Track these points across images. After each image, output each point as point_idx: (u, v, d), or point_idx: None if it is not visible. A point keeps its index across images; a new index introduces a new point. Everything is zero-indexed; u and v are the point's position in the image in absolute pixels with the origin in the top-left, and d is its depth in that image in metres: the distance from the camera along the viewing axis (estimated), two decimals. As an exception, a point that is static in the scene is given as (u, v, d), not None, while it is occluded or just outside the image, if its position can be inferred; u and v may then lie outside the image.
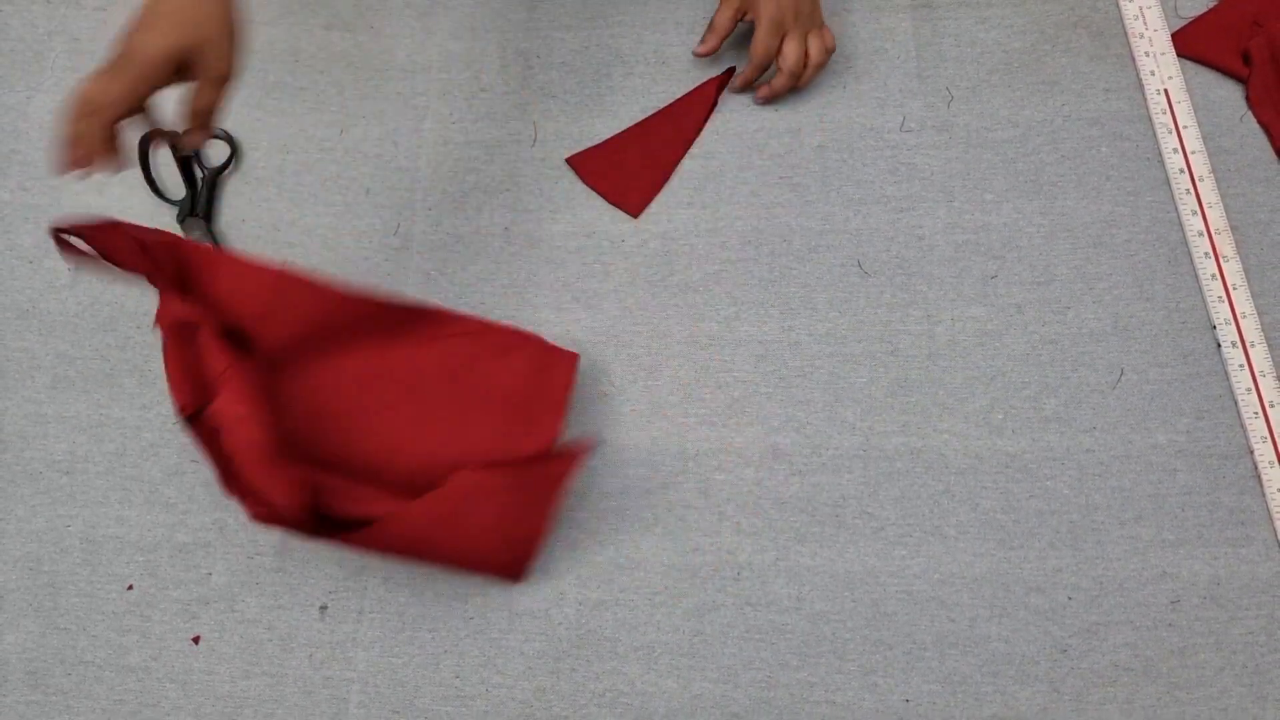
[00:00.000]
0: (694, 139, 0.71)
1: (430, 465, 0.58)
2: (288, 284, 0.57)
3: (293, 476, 0.54)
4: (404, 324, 0.60)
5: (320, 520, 0.56)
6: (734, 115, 0.72)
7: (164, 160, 0.73)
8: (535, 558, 0.61)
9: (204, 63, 0.51)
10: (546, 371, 0.62)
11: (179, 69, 0.51)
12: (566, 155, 0.71)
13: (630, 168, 0.71)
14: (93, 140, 0.49)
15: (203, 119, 0.53)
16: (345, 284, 0.58)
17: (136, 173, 0.72)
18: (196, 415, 0.55)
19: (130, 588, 0.62)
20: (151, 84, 0.50)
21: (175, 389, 0.56)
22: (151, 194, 0.71)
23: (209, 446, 0.55)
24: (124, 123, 0.50)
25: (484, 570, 0.60)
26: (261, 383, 0.56)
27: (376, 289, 0.60)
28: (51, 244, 0.70)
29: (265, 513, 0.54)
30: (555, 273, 0.69)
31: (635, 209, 0.70)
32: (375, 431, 0.60)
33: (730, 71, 0.73)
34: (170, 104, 0.53)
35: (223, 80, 0.52)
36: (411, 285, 0.69)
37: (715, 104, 0.72)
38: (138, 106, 0.50)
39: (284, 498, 0.54)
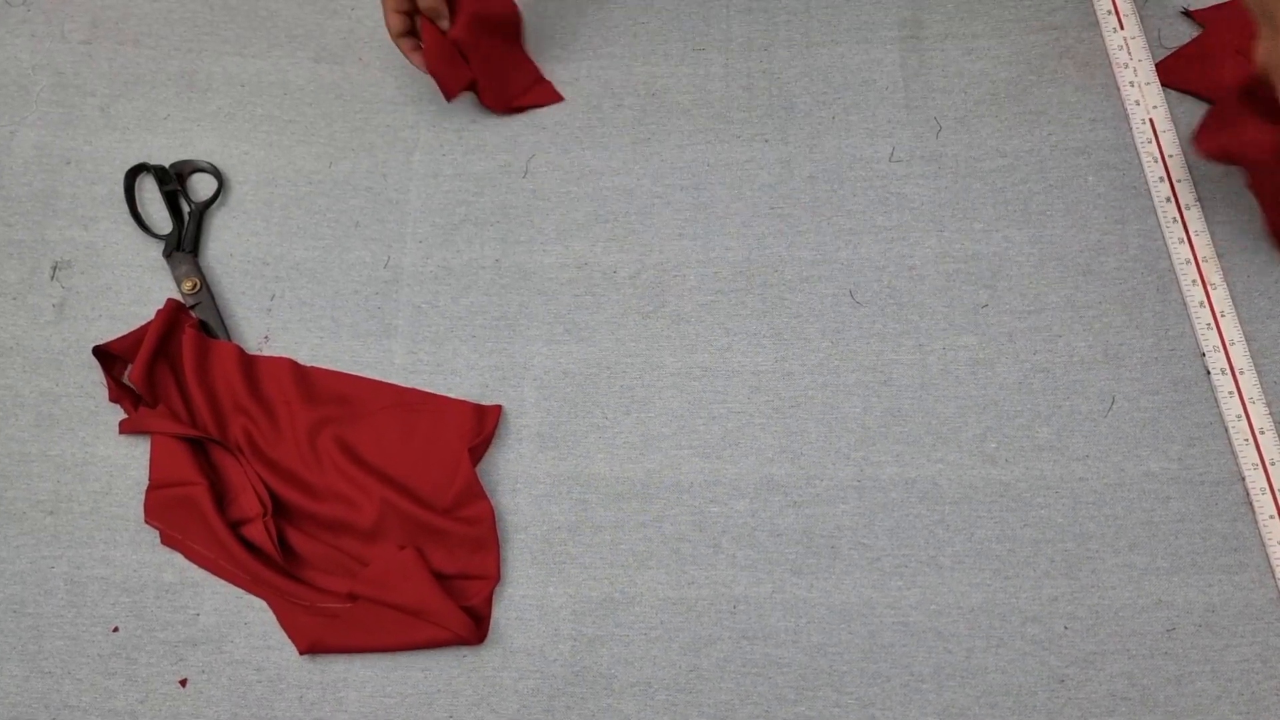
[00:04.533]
0: None
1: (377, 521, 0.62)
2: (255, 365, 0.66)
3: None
4: (340, 401, 0.66)
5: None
6: (724, 147, 0.72)
7: (150, 194, 0.72)
8: (488, 608, 0.61)
9: None
10: (465, 428, 0.64)
11: None
12: None
13: None
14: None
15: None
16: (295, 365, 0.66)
17: (122, 207, 0.71)
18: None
19: (116, 630, 0.61)
20: None
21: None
22: (138, 229, 0.71)
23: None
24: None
25: (441, 639, 0.59)
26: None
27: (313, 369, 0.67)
28: (35, 279, 0.69)
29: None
30: (547, 305, 0.68)
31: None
32: (330, 491, 0.63)
33: None
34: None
35: None
36: (402, 318, 0.68)
37: None
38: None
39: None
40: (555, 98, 0.74)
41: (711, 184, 0.71)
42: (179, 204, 0.72)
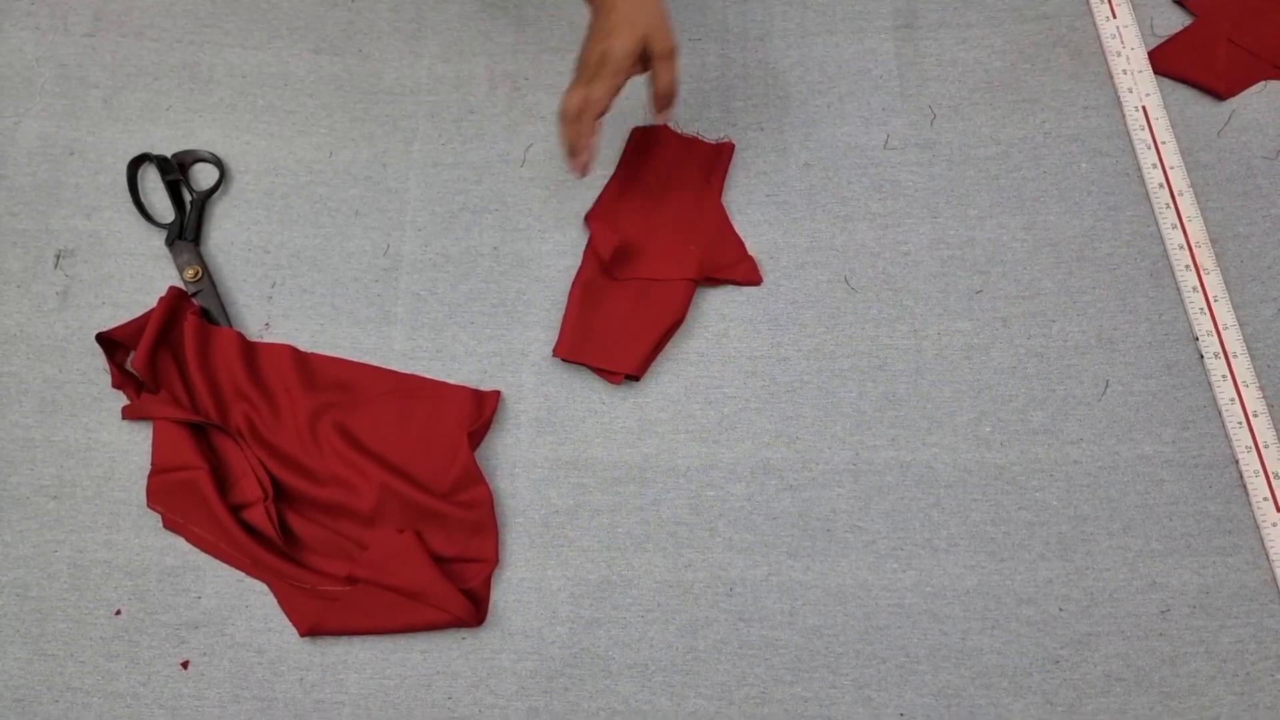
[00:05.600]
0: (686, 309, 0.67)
1: (377, 505, 0.62)
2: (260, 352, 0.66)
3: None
4: (340, 387, 0.66)
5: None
6: (720, 135, 0.73)
7: (152, 184, 0.73)
8: (487, 591, 0.61)
9: (655, 47, 0.59)
10: (463, 413, 0.65)
11: (639, 60, 0.60)
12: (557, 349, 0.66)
13: (621, 338, 0.66)
14: (587, 140, 0.60)
15: (668, 94, 0.62)
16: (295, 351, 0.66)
17: (125, 197, 0.72)
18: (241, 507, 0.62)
19: (118, 612, 0.61)
20: (625, 77, 0.60)
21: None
22: (140, 218, 0.71)
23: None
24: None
25: (440, 621, 0.60)
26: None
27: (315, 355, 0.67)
28: (39, 267, 0.70)
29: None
30: (545, 291, 0.69)
31: (639, 370, 0.65)
32: (330, 475, 0.64)
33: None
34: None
35: (671, 55, 0.60)
36: (401, 305, 0.69)
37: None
38: (611, 102, 0.60)
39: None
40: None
41: (708, 171, 0.72)
42: (181, 193, 0.72)
